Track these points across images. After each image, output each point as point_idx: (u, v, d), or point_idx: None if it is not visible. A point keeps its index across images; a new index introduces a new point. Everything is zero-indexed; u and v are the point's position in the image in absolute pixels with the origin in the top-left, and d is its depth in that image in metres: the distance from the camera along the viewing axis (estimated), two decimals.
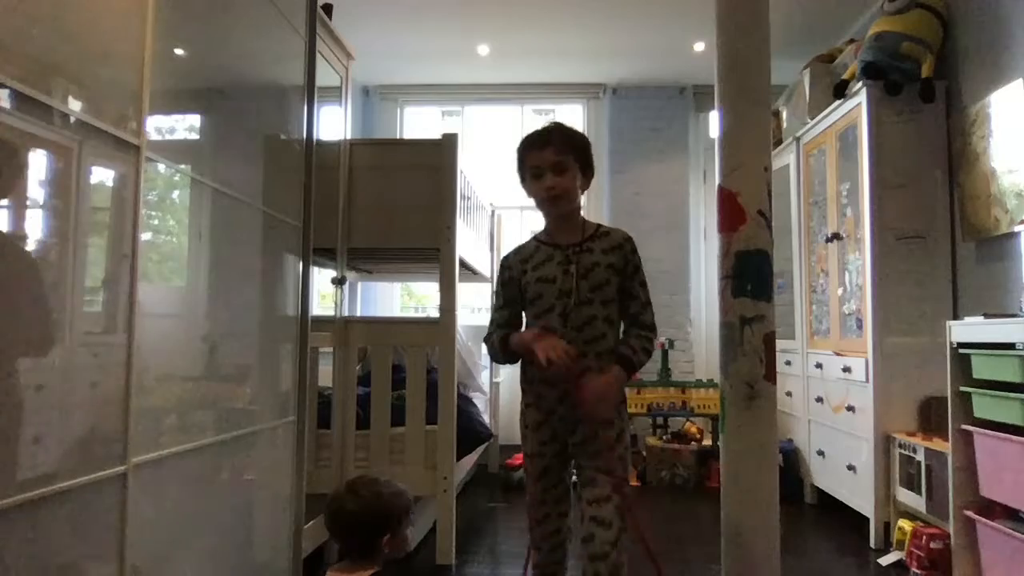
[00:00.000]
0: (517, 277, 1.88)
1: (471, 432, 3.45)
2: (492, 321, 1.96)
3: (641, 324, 1.85)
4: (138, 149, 1.51)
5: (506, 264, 1.93)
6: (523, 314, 1.90)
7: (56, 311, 1.34)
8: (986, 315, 2.43)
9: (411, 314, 5.62)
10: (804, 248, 3.96)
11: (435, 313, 3.05)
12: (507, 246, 5.05)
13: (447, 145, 3.04)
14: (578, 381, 1.75)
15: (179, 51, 1.77)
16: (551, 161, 1.81)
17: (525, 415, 1.92)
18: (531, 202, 1.90)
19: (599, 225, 1.91)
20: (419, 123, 5.63)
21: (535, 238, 1.93)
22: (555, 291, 1.80)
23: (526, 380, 1.91)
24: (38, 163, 1.33)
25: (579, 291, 1.79)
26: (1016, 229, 2.71)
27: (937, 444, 2.73)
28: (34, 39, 1.27)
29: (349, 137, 3.26)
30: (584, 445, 1.81)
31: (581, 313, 1.78)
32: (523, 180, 1.91)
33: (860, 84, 3.25)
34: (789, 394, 4.04)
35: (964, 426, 2.43)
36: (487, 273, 4.49)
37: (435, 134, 3.13)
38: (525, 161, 1.87)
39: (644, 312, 1.85)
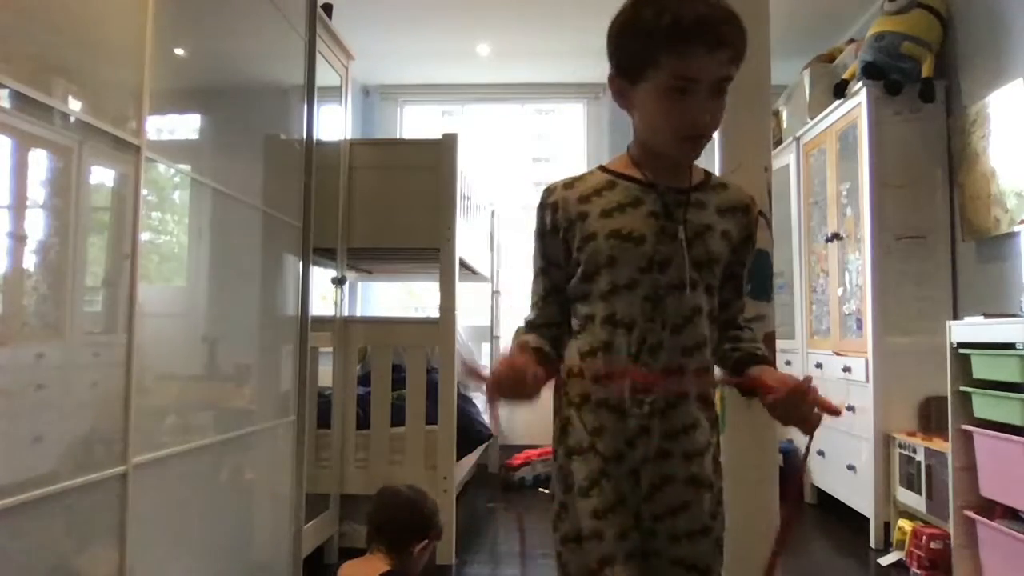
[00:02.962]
0: (567, 223, 1.13)
1: (471, 432, 3.45)
2: (530, 308, 1.22)
3: (742, 328, 1.24)
4: (138, 149, 1.51)
5: (548, 201, 1.16)
6: (576, 293, 1.14)
7: (56, 310, 1.34)
8: (986, 315, 2.43)
9: (411, 314, 5.62)
10: (804, 248, 3.96)
11: (435, 313, 3.05)
12: (507, 246, 5.07)
13: (447, 145, 3.04)
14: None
15: (179, 51, 1.77)
16: (718, 76, 1.05)
17: (565, 471, 1.13)
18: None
19: (708, 171, 1.20)
20: (419, 123, 5.62)
21: (603, 167, 1.18)
22: (642, 258, 1.08)
23: (569, 403, 1.14)
24: (38, 163, 1.33)
25: (680, 264, 1.08)
26: (1016, 229, 2.71)
27: (937, 444, 2.72)
28: (34, 39, 1.27)
29: (349, 137, 3.26)
30: (666, 520, 1.11)
31: (683, 303, 1.09)
32: (630, 76, 1.09)
33: (860, 84, 3.25)
34: None
35: (964, 426, 2.42)
36: (487, 273, 4.49)
37: (435, 134, 3.12)
38: (659, 54, 1.03)
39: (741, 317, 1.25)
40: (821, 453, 3.66)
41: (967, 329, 2.44)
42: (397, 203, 3.04)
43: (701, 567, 1.13)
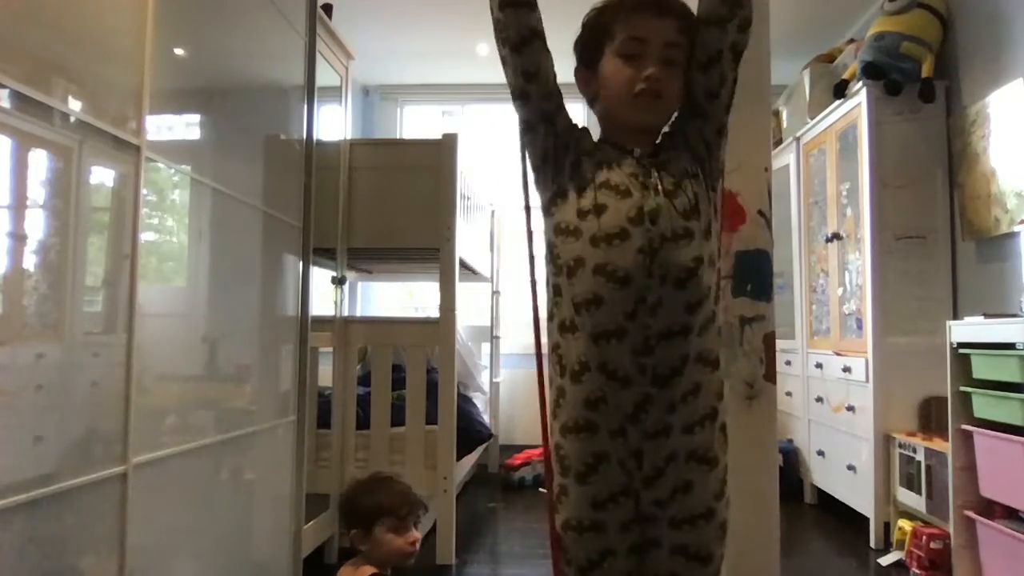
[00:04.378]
0: (574, 139, 1.20)
1: (471, 432, 3.45)
2: None
3: None
4: (138, 149, 1.51)
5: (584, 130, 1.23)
6: (562, 225, 1.14)
7: (56, 310, 1.34)
8: (986, 315, 2.43)
9: (411, 314, 5.62)
10: (804, 248, 3.96)
11: (435, 313, 3.05)
12: (507, 246, 5.07)
13: (447, 145, 3.04)
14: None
15: (179, 51, 1.77)
16: (667, 40, 1.12)
17: (562, 451, 1.11)
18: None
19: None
20: (419, 123, 5.62)
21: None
22: (631, 209, 1.08)
23: (562, 371, 1.11)
24: (38, 163, 1.33)
25: (670, 215, 1.08)
26: (1016, 229, 2.71)
27: (937, 444, 2.72)
28: (34, 39, 1.27)
29: (349, 137, 3.26)
30: (667, 504, 1.08)
31: (679, 255, 1.06)
32: (591, 60, 1.20)
33: (860, 84, 3.25)
34: (789, 394, 4.04)
35: (964, 426, 2.42)
36: (487, 273, 4.49)
37: (435, 134, 3.13)
38: (613, 26, 1.15)
39: None
40: (821, 453, 3.66)
41: (967, 329, 2.44)
42: (397, 203, 3.04)
43: (703, 555, 1.07)
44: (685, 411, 1.07)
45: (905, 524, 2.86)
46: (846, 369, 3.33)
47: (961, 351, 2.45)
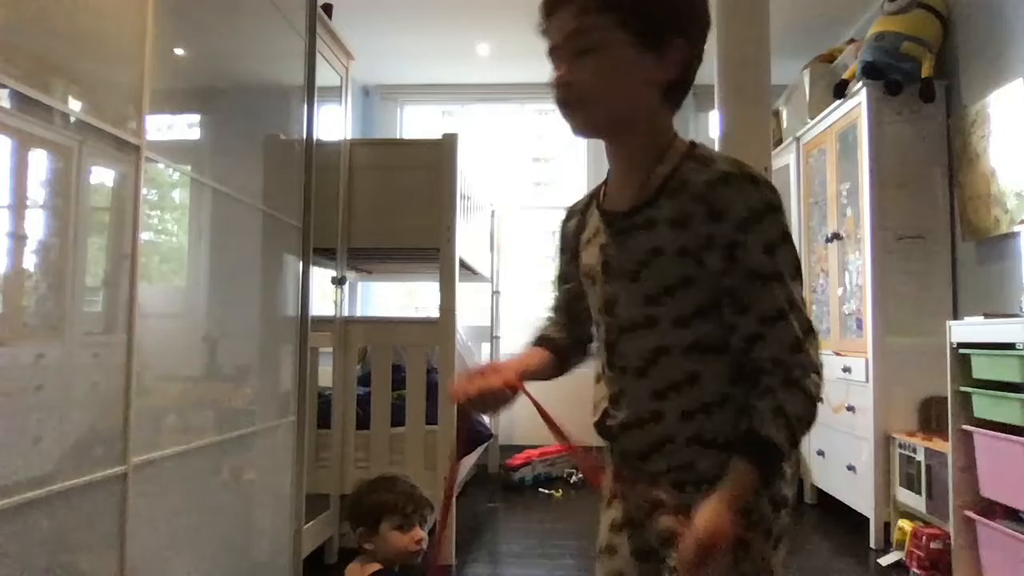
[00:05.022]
0: (571, 242, 1.12)
1: (471, 432, 3.45)
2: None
3: (776, 360, 0.92)
4: (138, 149, 1.51)
5: (560, 227, 1.17)
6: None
7: (56, 310, 1.34)
8: (986, 315, 2.43)
9: (411, 314, 5.62)
10: (804, 248, 3.96)
11: (435, 313, 3.05)
12: (507, 246, 5.08)
13: (447, 145, 3.04)
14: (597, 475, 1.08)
15: (179, 51, 1.77)
16: (567, 31, 0.97)
17: (603, 476, 1.12)
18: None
19: (679, 165, 0.98)
20: (419, 123, 5.62)
21: (605, 181, 1.10)
22: (598, 299, 1.03)
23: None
24: (38, 163, 1.33)
25: (627, 304, 0.98)
26: (1016, 229, 2.71)
27: (937, 444, 2.72)
28: (34, 39, 1.27)
29: (349, 137, 3.26)
30: (661, 547, 1.00)
31: (636, 344, 0.98)
32: None
33: (860, 84, 3.25)
34: None
35: (964, 426, 2.42)
36: (487, 273, 4.49)
37: (435, 134, 3.13)
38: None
39: (778, 328, 0.92)
40: (821, 453, 3.66)
41: (967, 329, 2.44)
42: (397, 203, 3.04)
43: None
44: (675, 475, 0.99)
45: (905, 524, 2.86)
46: (846, 369, 3.33)
47: (961, 351, 2.45)
